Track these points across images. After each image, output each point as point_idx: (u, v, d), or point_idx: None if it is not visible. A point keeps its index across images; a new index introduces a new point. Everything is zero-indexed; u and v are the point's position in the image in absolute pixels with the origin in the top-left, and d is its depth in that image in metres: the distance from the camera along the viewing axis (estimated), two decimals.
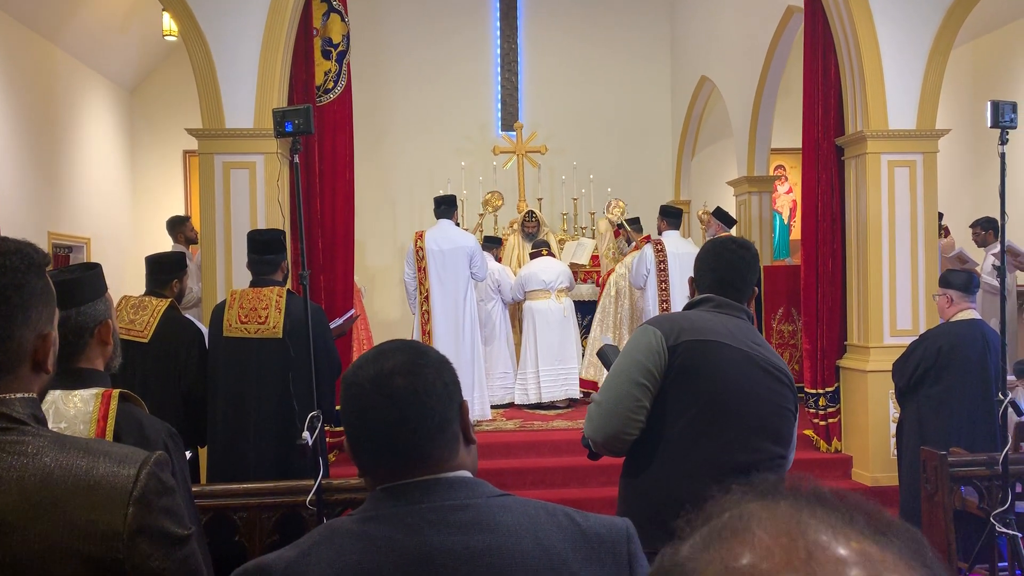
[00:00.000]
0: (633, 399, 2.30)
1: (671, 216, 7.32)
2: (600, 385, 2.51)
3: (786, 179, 11.82)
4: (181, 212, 9.69)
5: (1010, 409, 3.96)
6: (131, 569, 1.16)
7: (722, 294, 2.45)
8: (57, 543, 1.14)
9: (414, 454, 1.23)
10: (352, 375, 1.27)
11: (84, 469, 1.18)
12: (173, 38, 8.87)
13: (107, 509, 1.16)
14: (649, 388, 2.30)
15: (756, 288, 2.57)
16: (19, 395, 1.24)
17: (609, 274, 7.71)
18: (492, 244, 8.25)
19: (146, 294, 4.24)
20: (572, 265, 8.71)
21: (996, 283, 6.86)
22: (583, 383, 7.98)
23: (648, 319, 2.62)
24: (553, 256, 8.01)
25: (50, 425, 1.80)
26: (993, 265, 7.08)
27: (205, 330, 4.30)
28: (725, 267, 2.48)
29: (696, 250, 7.08)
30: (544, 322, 7.42)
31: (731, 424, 2.27)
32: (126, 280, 9.02)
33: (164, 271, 4.27)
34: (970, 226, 7.92)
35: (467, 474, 1.26)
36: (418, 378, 1.24)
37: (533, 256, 7.93)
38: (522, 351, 7.61)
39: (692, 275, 2.62)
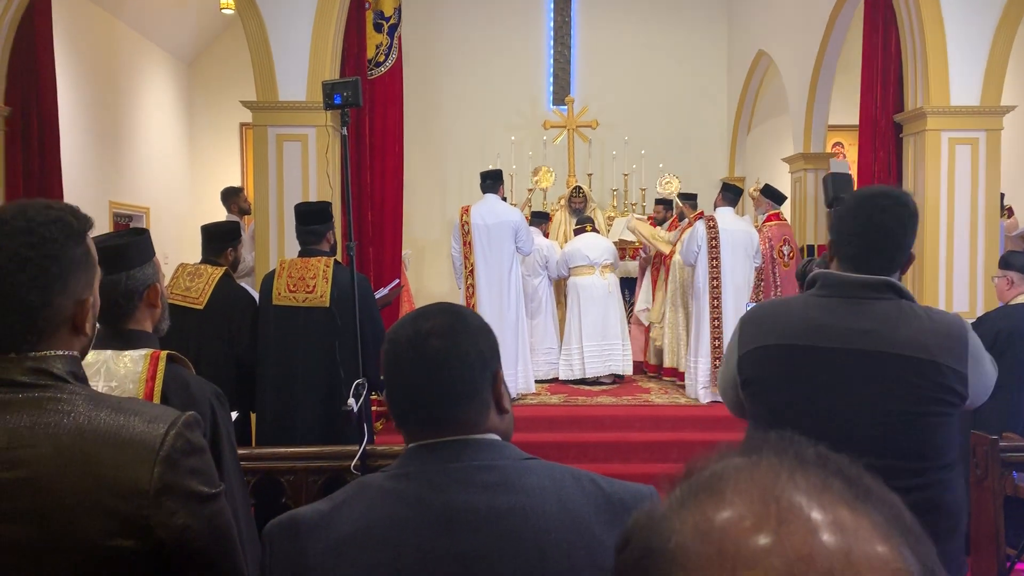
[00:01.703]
0: (735, 404, 2.14)
1: (730, 192, 7.21)
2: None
3: (843, 156, 11.54)
4: (237, 184, 9.88)
5: None
6: (156, 526, 1.18)
7: (868, 264, 1.96)
8: (86, 498, 1.17)
9: (443, 415, 1.26)
10: (393, 332, 1.32)
11: (115, 427, 1.21)
12: (230, 11, 8.99)
13: (135, 467, 1.19)
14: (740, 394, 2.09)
15: (913, 253, 2.07)
16: (59, 352, 1.27)
17: (672, 255, 7.59)
18: (540, 219, 8.24)
19: (202, 262, 4.34)
20: (621, 242, 8.66)
21: None
22: (648, 367, 8.00)
23: (748, 310, 2.25)
24: (597, 232, 7.98)
25: (101, 384, 1.88)
26: None
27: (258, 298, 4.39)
28: (876, 230, 1.96)
29: (749, 227, 7.09)
30: (588, 298, 7.41)
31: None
32: (184, 248, 9.25)
33: (219, 240, 4.37)
34: None
35: (495, 437, 1.28)
36: (452, 342, 1.26)
37: (577, 232, 7.91)
38: (566, 327, 7.62)
39: (829, 237, 2.11)
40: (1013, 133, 6.51)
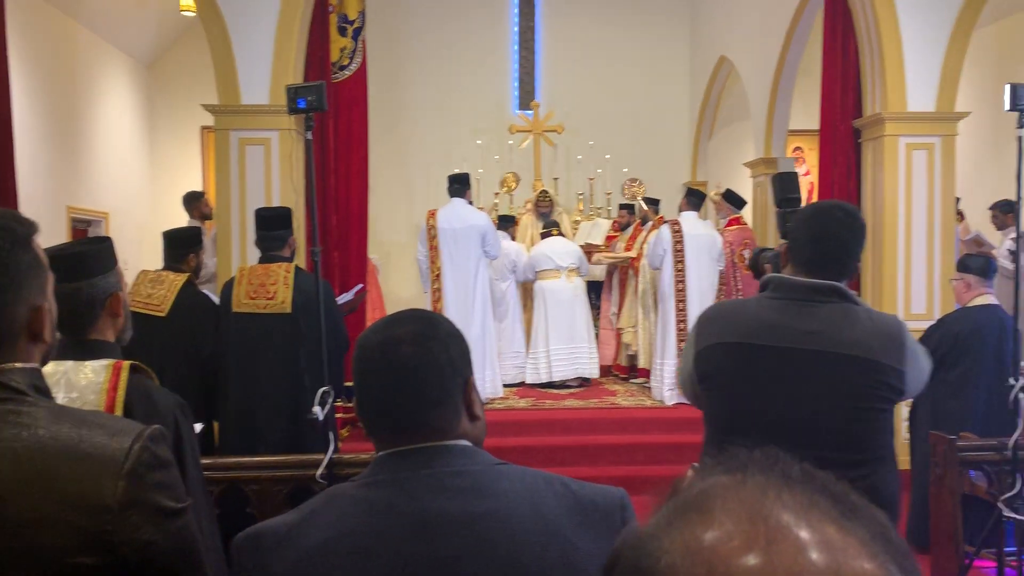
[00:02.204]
0: (693, 397, 2.29)
1: (694, 196, 7.33)
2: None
3: (803, 161, 11.71)
4: (198, 188, 9.75)
5: (1022, 394, 3.94)
6: (120, 542, 1.15)
7: (819, 270, 2.11)
8: (47, 514, 1.14)
9: (414, 421, 1.25)
10: (364, 338, 1.30)
11: (77, 440, 1.18)
12: (191, 13, 8.87)
13: (98, 481, 1.16)
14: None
15: (859, 264, 2.24)
16: (18, 365, 1.24)
17: (639, 258, 7.68)
18: (506, 223, 8.25)
19: (163, 269, 4.28)
20: (587, 245, 8.70)
21: (1011, 267, 6.79)
22: (619, 369, 8.04)
23: (704, 310, 2.40)
24: (563, 236, 8.02)
25: (61, 395, 1.84)
26: (1009, 250, 7.01)
27: None
28: (830, 239, 2.12)
29: (712, 231, 7.18)
30: (555, 301, 7.44)
31: (752, 433, 1.99)
32: (144, 254, 9.11)
33: (181, 246, 4.32)
34: (989, 208, 7.84)
35: (467, 443, 1.27)
36: (423, 349, 1.25)
37: (544, 236, 7.95)
38: (533, 330, 7.64)
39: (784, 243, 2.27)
40: (966, 139, 6.66)
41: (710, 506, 0.54)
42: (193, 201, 7.35)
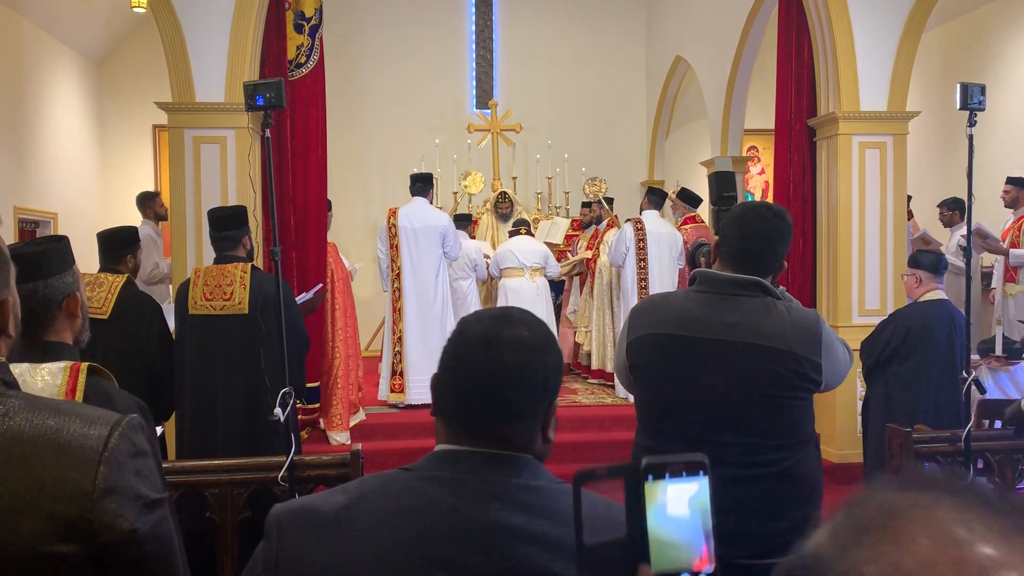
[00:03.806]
0: (628, 385, 2.42)
1: (655, 195, 7.44)
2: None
3: (759, 160, 11.89)
4: (151, 187, 9.56)
5: (973, 387, 4.04)
6: (100, 529, 1.15)
7: (745, 266, 2.21)
8: (26, 501, 1.13)
9: (490, 427, 1.21)
10: (473, 322, 1.26)
11: (54, 429, 1.17)
12: (142, 9, 8.70)
13: (77, 468, 1.15)
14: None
15: (786, 263, 2.33)
16: None
17: (595, 258, 7.75)
18: (463, 221, 8.24)
19: (101, 271, 4.19)
20: (545, 244, 8.73)
21: (961, 263, 6.96)
22: (579, 367, 8.07)
23: (636, 303, 2.49)
24: (532, 236, 8.06)
25: None
26: (959, 246, 7.19)
27: (168, 306, 4.26)
28: (755, 236, 2.22)
29: (673, 230, 7.26)
30: (517, 300, 7.45)
31: (678, 419, 2.20)
32: (95, 255, 8.89)
33: (117, 247, 4.23)
34: (937, 206, 8.03)
35: (531, 457, 1.23)
36: (527, 361, 1.20)
37: (512, 235, 7.98)
38: None
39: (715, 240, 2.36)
40: (920, 138, 6.82)
41: (901, 526, 0.49)
42: (147, 201, 7.20)
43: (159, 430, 2.23)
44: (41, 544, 1.13)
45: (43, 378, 1.86)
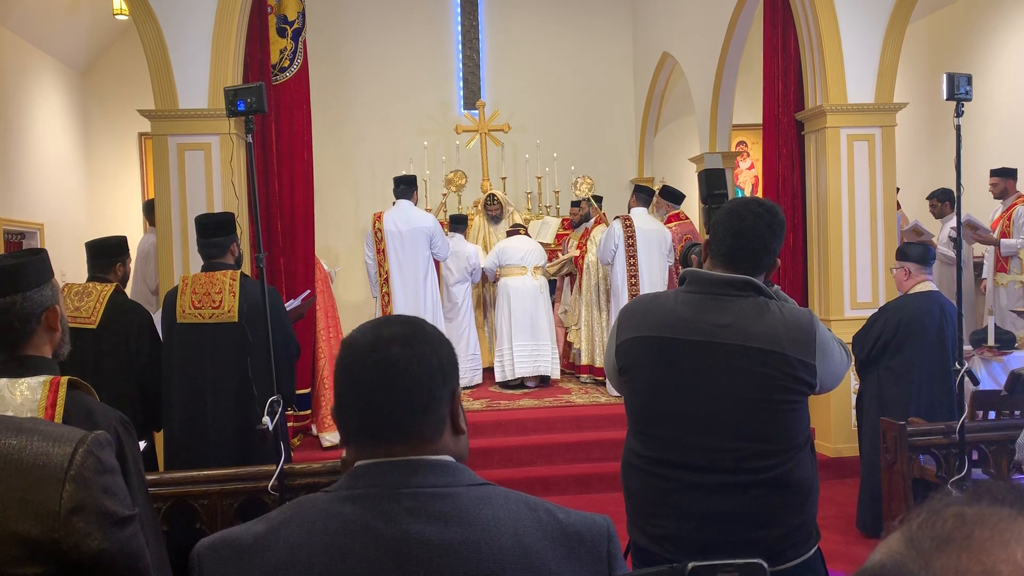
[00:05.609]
0: (617, 386, 2.34)
1: (643, 193, 7.42)
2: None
3: (748, 155, 11.89)
4: (138, 196, 9.51)
5: (966, 378, 4.03)
6: (69, 548, 1.11)
7: (736, 264, 2.15)
8: None
9: (396, 427, 1.19)
10: (351, 337, 1.24)
11: (16, 448, 1.14)
12: (124, 17, 8.64)
13: (41, 488, 1.12)
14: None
15: (779, 260, 2.25)
16: None
17: (583, 257, 7.75)
18: (459, 223, 8.19)
19: (89, 280, 4.17)
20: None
21: (952, 254, 6.97)
22: (569, 366, 8.05)
23: (626, 303, 2.43)
24: (529, 237, 8.07)
25: None
26: (949, 237, 7.20)
27: (155, 314, 4.22)
28: (746, 233, 2.14)
29: (662, 227, 7.25)
30: (519, 297, 7.46)
31: (668, 424, 2.13)
32: (82, 265, 8.82)
33: (106, 255, 4.21)
34: (927, 198, 8.03)
35: (450, 459, 1.22)
36: (415, 350, 1.20)
37: (510, 234, 8.00)
38: (497, 328, 7.64)
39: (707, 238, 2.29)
40: (902, 130, 6.82)
41: (990, 536, 0.49)
42: (153, 210, 7.14)
43: (142, 444, 2.18)
44: (9, 567, 1.10)
45: (22, 393, 1.82)
